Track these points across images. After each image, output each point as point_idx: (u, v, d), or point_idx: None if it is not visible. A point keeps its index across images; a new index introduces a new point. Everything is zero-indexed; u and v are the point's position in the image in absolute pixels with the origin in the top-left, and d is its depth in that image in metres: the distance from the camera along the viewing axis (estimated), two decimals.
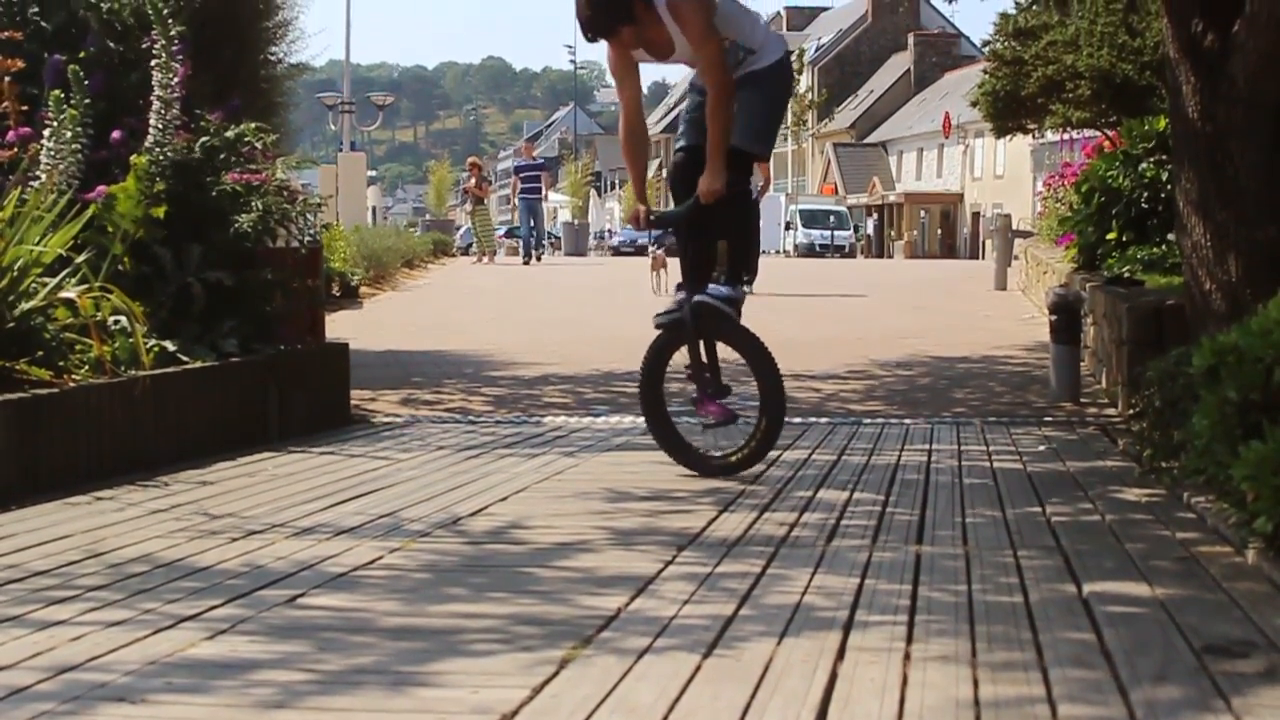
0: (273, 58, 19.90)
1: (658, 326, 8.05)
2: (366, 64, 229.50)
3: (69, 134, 8.89)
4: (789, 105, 8.51)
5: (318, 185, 32.63)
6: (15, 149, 9.10)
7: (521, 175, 37.92)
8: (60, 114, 8.87)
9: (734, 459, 7.89)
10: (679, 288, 8.05)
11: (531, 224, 36.95)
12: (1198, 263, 9.03)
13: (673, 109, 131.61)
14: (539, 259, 36.82)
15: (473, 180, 38.13)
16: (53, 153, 8.87)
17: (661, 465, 8.03)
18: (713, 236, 8.14)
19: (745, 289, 8.13)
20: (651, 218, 8.07)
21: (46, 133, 8.92)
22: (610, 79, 8.34)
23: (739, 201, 8.04)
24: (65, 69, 9.26)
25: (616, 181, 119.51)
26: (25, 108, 9.40)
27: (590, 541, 5.96)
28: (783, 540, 5.95)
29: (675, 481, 7.66)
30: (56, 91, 8.94)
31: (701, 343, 8.00)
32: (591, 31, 7.88)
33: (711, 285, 7.93)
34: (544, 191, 38.37)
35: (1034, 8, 26.54)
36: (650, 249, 25.68)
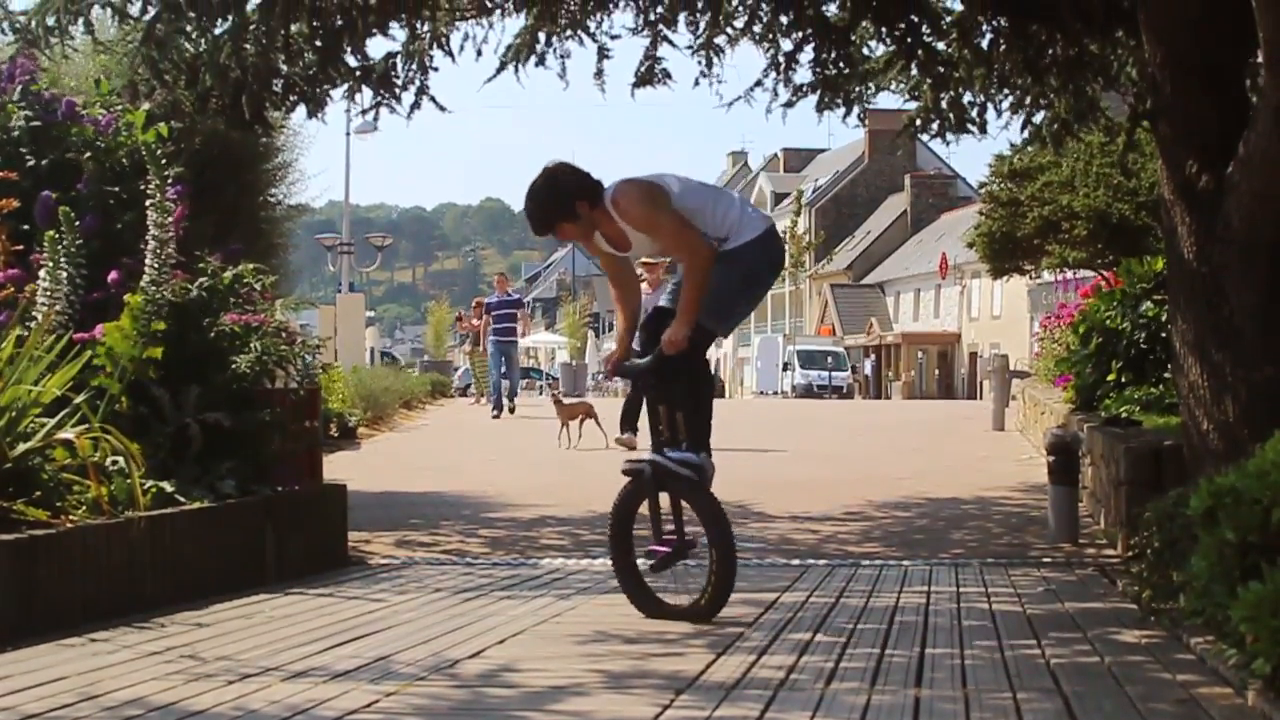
0: (272, 199, 20.06)
1: (625, 473, 8.07)
2: (365, 205, 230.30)
3: (64, 274, 8.92)
4: (768, 278, 8.33)
5: (316, 326, 32.67)
6: (10, 289, 9.13)
7: (494, 314, 31.07)
8: (55, 254, 8.90)
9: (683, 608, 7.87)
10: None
11: (503, 370, 30.60)
12: (1195, 403, 9.05)
13: None
14: (512, 411, 29.76)
15: (475, 319, 36.58)
16: (48, 292, 8.89)
17: None
18: (670, 394, 8.08)
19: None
20: (623, 366, 8.11)
21: (42, 273, 8.95)
22: None
23: (691, 368, 7.99)
24: (56, 207, 9.31)
25: (614, 323, 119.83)
26: (19, 247, 9.43)
27: (586, 685, 5.92)
28: (781, 684, 5.92)
29: (672, 625, 7.62)
30: (51, 232, 8.98)
31: (665, 495, 7.98)
32: (534, 226, 8.01)
33: (672, 451, 7.89)
34: (521, 332, 31.89)
35: (1029, 149, 26.68)
36: (557, 395, 24.37)
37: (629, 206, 7.82)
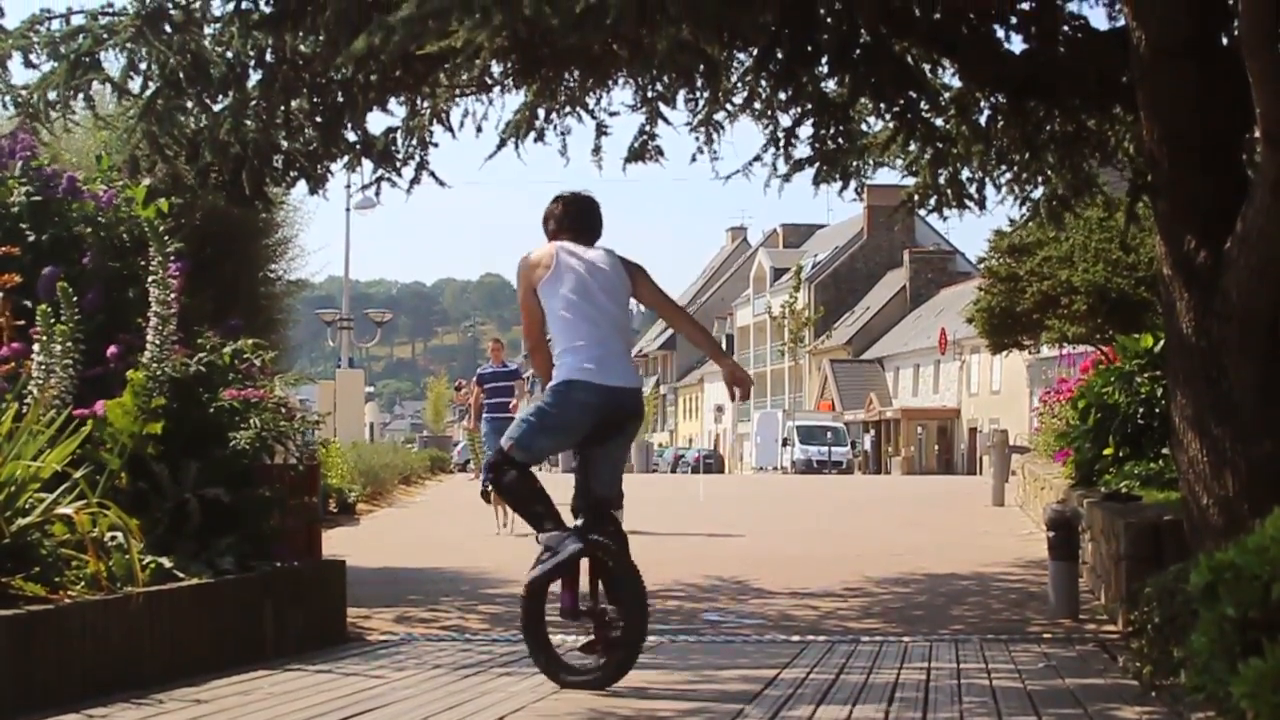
0: (273, 274, 20.12)
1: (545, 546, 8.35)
2: (365, 280, 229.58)
3: (58, 348, 8.92)
4: (575, 423, 8.27)
5: (316, 401, 32.69)
6: (12, 363, 9.13)
7: (487, 387, 26.48)
8: (49, 329, 8.90)
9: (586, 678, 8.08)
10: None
11: None
12: (1194, 478, 9.04)
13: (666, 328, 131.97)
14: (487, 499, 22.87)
15: (476, 393, 35.15)
16: (44, 367, 8.89)
17: (656, 686, 7.98)
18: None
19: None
20: None
21: (35, 347, 8.95)
22: None
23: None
24: (57, 281, 9.32)
25: None
26: (21, 322, 9.44)
27: None
28: None
29: (672, 703, 7.60)
30: (44, 306, 8.98)
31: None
32: None
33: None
34: (517, 406, 25.90)
35: (1029, 225, 26.75)
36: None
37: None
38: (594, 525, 8.18)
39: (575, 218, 8.60)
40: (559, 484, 8.70)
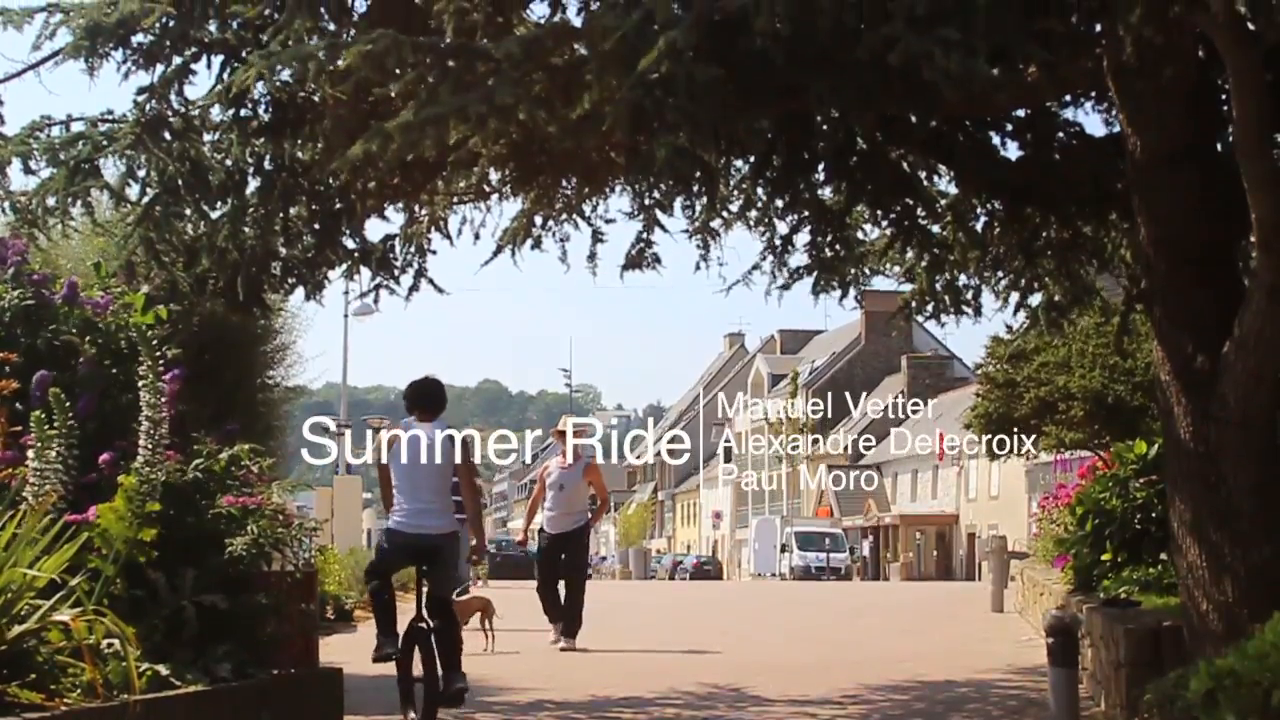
0: (270, 381, 20.14)
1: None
2: (363, 386, 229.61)
3: (52, 454, 8.90)
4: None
5: (313, 508, 32.59)
6: (8, 470, 9.11)
7: None
8: (42, 435, 8.89)
9: None
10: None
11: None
12: (1194, 584, 9.04)
13: (671, 427, 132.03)
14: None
15: None
16: (38, 473, 8.87)
17: None
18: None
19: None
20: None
21: (30, 454, 8.93)
22: (604, 403, 8.66)
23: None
24: (49, 387, 9.31)
25: (613, 504, 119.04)
26: (18, 428, 9.43)
27: None
28: None
29: None
30: (37, 413, 8.96)
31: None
32: None
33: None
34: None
35: (1029, 333, 26.78)
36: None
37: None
38: (431, 615, 11.91)
39: (419, 399, 11.66)
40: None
